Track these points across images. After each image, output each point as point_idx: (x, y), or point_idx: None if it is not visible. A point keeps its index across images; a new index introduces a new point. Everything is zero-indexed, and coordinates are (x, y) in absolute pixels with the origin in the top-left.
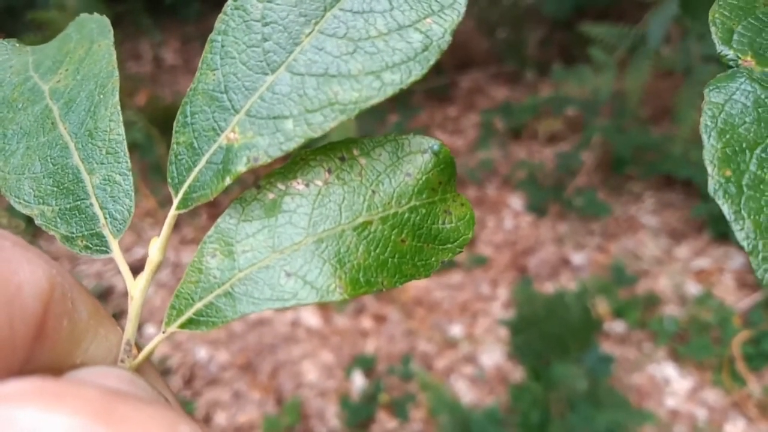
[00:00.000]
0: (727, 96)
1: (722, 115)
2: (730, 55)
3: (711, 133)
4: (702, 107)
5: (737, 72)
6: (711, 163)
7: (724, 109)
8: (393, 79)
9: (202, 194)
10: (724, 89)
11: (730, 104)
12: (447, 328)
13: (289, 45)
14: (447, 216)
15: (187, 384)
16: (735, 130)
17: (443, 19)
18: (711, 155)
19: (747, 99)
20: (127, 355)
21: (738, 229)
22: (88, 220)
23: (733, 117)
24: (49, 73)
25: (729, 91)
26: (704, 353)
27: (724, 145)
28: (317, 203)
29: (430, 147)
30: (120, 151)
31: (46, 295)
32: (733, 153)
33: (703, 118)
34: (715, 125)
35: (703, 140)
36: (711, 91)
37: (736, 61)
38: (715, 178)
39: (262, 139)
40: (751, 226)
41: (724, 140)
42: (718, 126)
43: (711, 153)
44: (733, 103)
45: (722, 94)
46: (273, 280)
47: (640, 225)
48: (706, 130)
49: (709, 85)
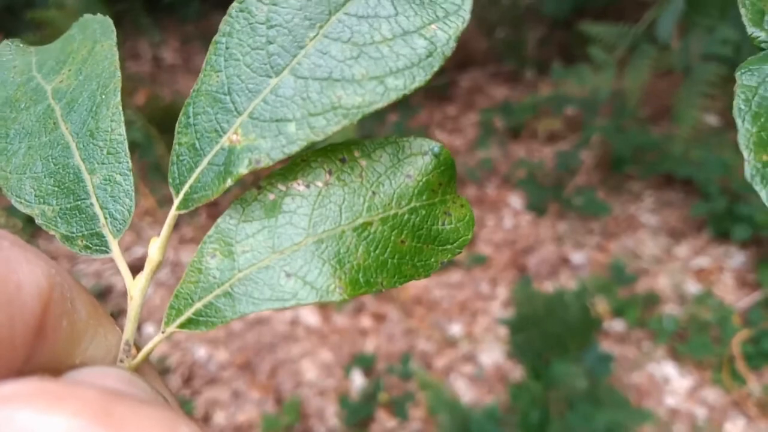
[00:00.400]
0: (760, 78)
1: (756, 98)
2: (762, 36)
3: (745, 116)
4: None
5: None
6: (747, 147)
7: (758, 92)
8: (396, 85)
9: (203, 195)
10: (757, 71)
11: (764, 87)
12: (446, 327)
13: (293, 48)
14: (447, 217)
15: (186, 383)
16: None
17: (448, 26)
18: (746, 139)
19: None
20: (126, 355)
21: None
22: (89, 220)
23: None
24: (52, 74)
25: (762, 73)
26: (704, 352)
27: (759, 128)
28: (317, 204)
29: (430, 149)
30: (121, 151)
31: (45, 295)
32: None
33: (736, 102)
34: (749, 108)
35: (737, 125)
36: (743, 74)
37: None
38: (752, 163)
39: (265, 142)
40: None
41: (759, 124)
42: (752, 109)
43: (746, 137)
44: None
45: (755, 76)
46: (273, 281)
47: (640, 224)
48: (740, 114)
49: (741, 68)
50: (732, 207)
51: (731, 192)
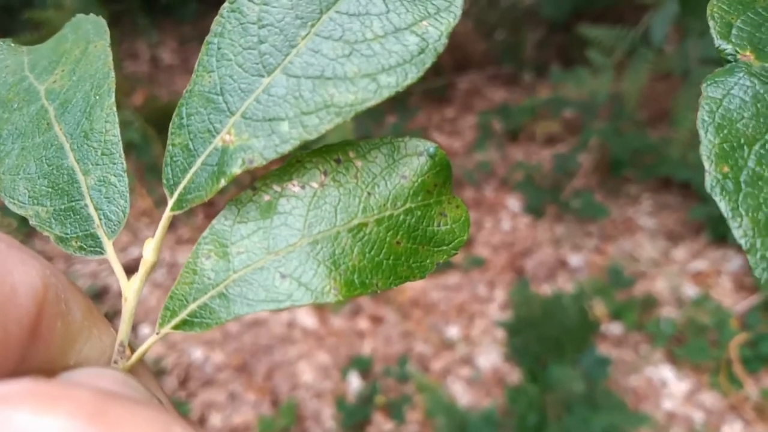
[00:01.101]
0: (725, 91)
1: (720, 110)
2: (729, 49)
3: (708, 128)
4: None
5: (735, 66)
6: (708, 158)
7: (722, 104)
8: (389, 82)
9: (197, 195)
10: (722, 84)
11: (728, 99)
12: (444, 329)
13: (285, 47)
14: (442, 218)
15: (182, 385)
16: (733, 125)
17: (439, 22)
18: (708, 151)
19: (746, 94)
20: (120, 356)
21: (736, 226)
22: (83, 221)
23: (731, 112)
24: (44, 74)
25: (727, 85)
26: (701, 356)
27: (721, 140)
28: (313, 205)
29: (426, 150)
30: (115, 152)
31: (40, 296)
32: (731, 149)
33: (700, 113)
34: (713, 120)
35: (700, 135)
36: (709, 86)
37: (734, 55)
38: (713, 174)
39: (258, 141)
40: (749, 223)
41: (721, 135)
42: (715, 121)
43: (708, 149)
44: (732, 98)
45: (720, 88)
46: (268, 282)
47: (638, 227)
48: (704, 125)
49: (707, 80)
50: None
51: None
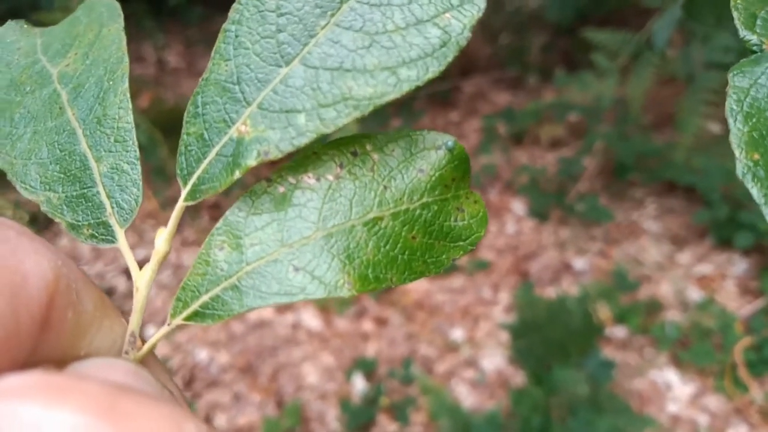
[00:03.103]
0: (752, 80)
1: (748, 99)
2: (754, 39)
3: (737, 117)
4: (726, 92)
5: (762, 56)
6: (738, 146)
7: (750, 93)
8: (409, 76)
9: (211, 187)
10: (749, 74)
11: (755, 89)
12: (448, 331)
13: (303, 37)
14: (459, 213)
15: (187, 386)
16: (762, 114)
17: (463, 15)
18: (738, 139)
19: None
20: (131, 347)
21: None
22: (95, 209)
23: (759, 101)
24: (57, 57)
25: (754, 75)
26: (706, 359)
27: (750, 128)
28: (328, 198)
29: (444, 143)
30: (128, 139)
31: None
32: (760, 137)
33: (728, 103)
34: (741, 109)
35: (729, 124)
36: (735, 76)
37: (759, 45)
38: (743, 162)
39: (274, 133)
40: None
41: (750, 124)
42: (744, 110)
43: (738, 137)
44: (759, 87)
45: (747, 78)
46: (281, 275)
47: (642, 231)
48: (732, 114)
49: (733, 70)
50: (734, 214)
51: (734, 199)
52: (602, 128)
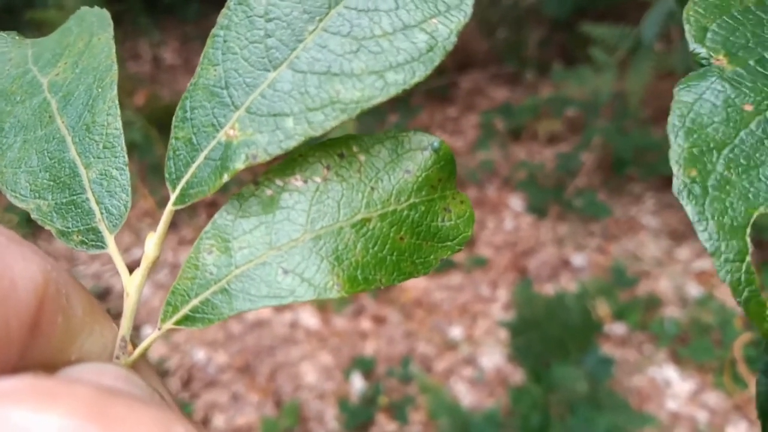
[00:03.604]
0: (696, 95)
1: (691, 115)
2: (703, 53)
3: (678, 132)
4: (671, 106)
5: (708, 71)
6: (677, 163)
7: (693, 108)
8: (396, 80)
9: (200, 190)
10: (695, 88)
11: (699, 103)
12: (447, 329)
13: (292, 42)
14: (446, 213)
15: (185, 386)
16: (703, 129)
17: (449, 20)
18: (677, 155)
19: (717, 98)
20: (122, 352)
21: (701, 230)
22: (84, 215)
23: (702, 116)
24: (48, 66)
25: (699, 90)
26: (705, 355)
27: (690, 145)
28: (315, 200)
29: (430, 144)
30: (117, 145)
31: (40, 290)
32: (699, 153)
33: (671, 118)
34: (683, 125)
35: (670, 140)
36: (681, 90)
37: (708, 59)
38: (680, 179)
39: (262, 137)
40: (714, 227)
41: (691, 140)
42: (685, 125)
43: (677, 153)
44: (703, 102)
45: (692, 93)
46: (270, 277)
47: (641, 226)
48: (674, 130)
49: (680, 84)
50: None
51: None
52: (600, 123)
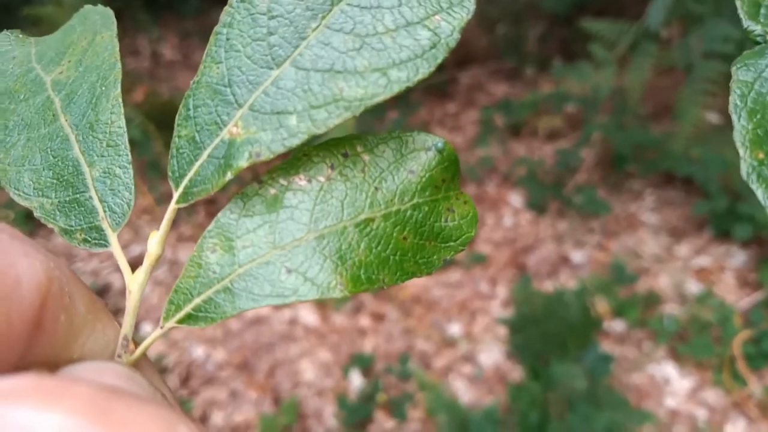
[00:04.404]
0: (756, 74)
1: (752, 94)
2: (758, 30)
3: (741, 113)
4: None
5: (766, 48)
6: (742, 145)
7: (754, 87)
8: (400, 77)
9: (203, 189)
10: (753, 66)
11: (759, 82)
12: (445, 326)
13: (295, 39)
14: (450, 214)
15: (184, 383)
16: (766, 109)
17: (452, 17)
18: (742, 137)
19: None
20: (124, 351)
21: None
22: (87, 213)
23: (764, 96)
24: (51, 65)
25: (758, 68)
26: (705, 353)
27: (755, 125)
28: (319, 199)
29: (434, 144)
30: (120, 143)
31: (43, 288)
32: (765, 134)
33: (732, 98)
34: (745, 105)
35: (733, 121)
36: (739, 69)
37: (764, 36)
38: (748, 161)
39: (265, 135)
40: None
41: (755, 120)
42: (748, 105)
43: (742, 134)
44: (763, 81)
45: (751, 71)
46: (273, 277)
47: (640, 223)
48: (736, 110)
49: (737, 63)
50: (733, 206)
51: (732, 191)
52: (600, 119)
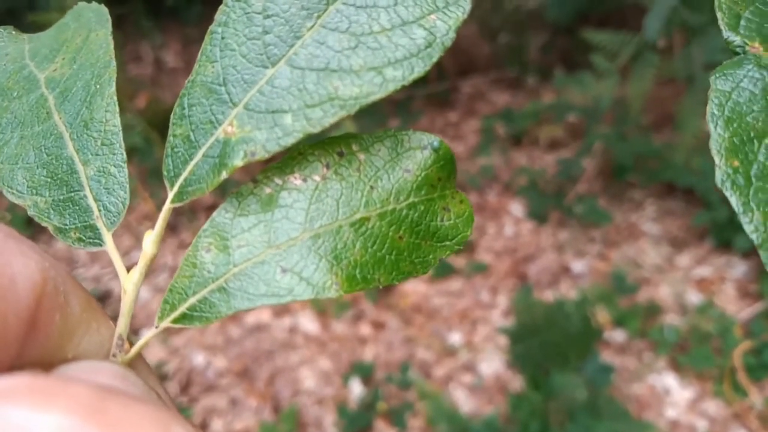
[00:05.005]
0: (734, 84)
1: (729, 104)
2: (737, 41)
3: (718, 122)
4: (708, 95)
5: (744, 59)
6: (718, 153)
7: (731, 97)
8: (395, 76)
9: (198, 188)
10: (731, 76)
11: (737, 92)
12: (446, 335)
13: (290, 38)
14: (446, 213)
15: (184, 390)
16: (743, 118)
17: (448, 16)
18: (718, 145)
19: (755, 86)
20: (119, 350)
21: (747, 221)
22: (82, 212)
23: (741, 105)
24: (45, 62)
25: (736, 78)
26: (705, 363)
27: (731, 134)
28: (314, 198)
29: (429, 143)
30: (115, 142)
31: (38, 288)
32: (740, 143)
33: (709, 107)
34: (722, 114)
35: (709, 129)
36: (717, 79)
37: (743, 47)
38: (723, 169)
39: (260, 134)
40: (760, 218)
41: (731, 129)
42: (725, 115)
43: (718, 143)
44: (741, 90)
45: (729, 81)
46: (268, 276)
47: (641, 233)
48: (713, 119)
49: (716, 72)
50: (734, 216)
51: None
52: (601, 129)
